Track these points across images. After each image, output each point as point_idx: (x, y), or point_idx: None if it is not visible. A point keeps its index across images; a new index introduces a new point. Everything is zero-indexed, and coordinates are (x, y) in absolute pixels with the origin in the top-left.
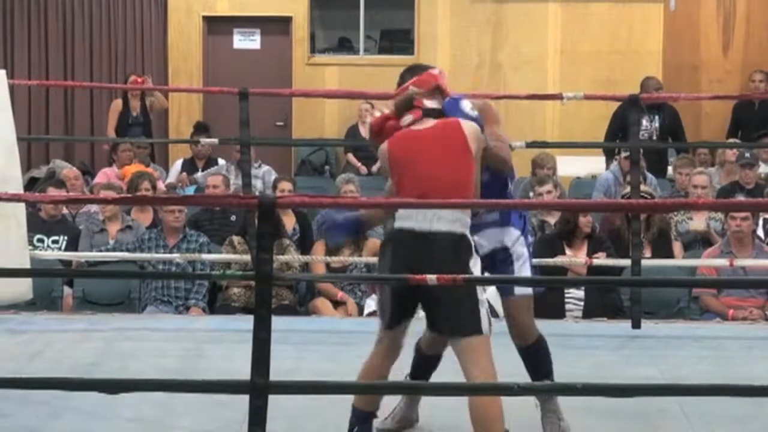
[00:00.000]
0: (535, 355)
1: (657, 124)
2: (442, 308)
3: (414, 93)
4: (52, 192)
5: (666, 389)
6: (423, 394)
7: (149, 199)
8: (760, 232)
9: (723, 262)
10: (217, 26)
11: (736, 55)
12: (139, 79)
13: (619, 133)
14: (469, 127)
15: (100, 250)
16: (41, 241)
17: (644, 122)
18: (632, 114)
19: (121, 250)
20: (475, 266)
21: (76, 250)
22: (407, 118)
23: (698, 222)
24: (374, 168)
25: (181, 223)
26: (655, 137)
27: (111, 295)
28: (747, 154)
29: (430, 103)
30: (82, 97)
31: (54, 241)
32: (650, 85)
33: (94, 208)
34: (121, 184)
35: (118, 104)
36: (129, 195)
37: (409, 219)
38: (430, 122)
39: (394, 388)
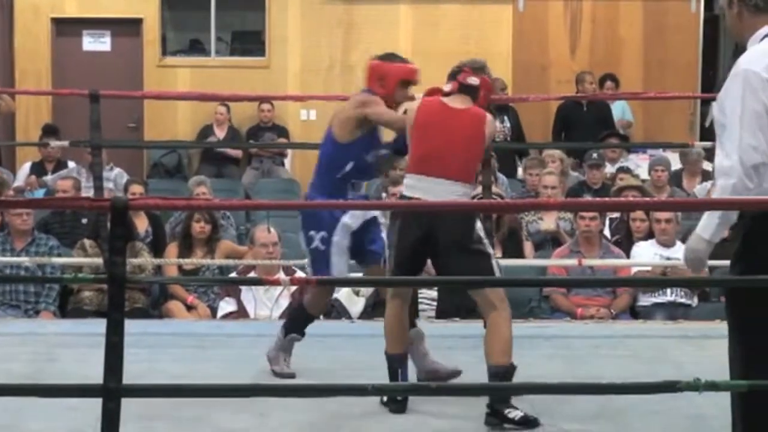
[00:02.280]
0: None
1: (508, 125)
2: (454, 265)
3: (463, 65)
4: None
5: (517, 388)
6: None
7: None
8: (607, 232)
9: (572, 261)
10: (66, 28)
11: (583, 55)
12: None
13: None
14: (491, 123)
15: None
16: None
17: (497, 124)
18: None
19: None
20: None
21: None
22: (447, 86)
23: (548, 222)
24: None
25: (29, 226)
26: (508, 138)
27: None
28: (594, 155)
29: (471, 80)
30: None
31: None
32: (496, 86)
33: None
34: None
35: None
36: None
37: (418, 190)
38: (464, 104)
39: (272, 390)
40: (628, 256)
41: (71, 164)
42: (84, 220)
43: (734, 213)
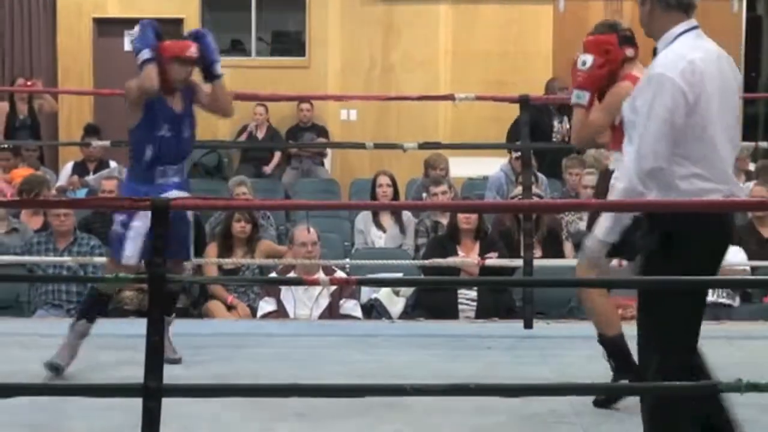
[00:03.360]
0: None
1: (568, 126)
2: None
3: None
4: None
5: (557, 389)
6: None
7: (40, 203)
8: None
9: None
10: (108, 28)
11: None
12: (29, 82)
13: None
14: None
15: None
16: None
17: (555, 124)
18: (524, 115)
19: (8, 254)
20: None
21: None
22: (630, 52)
23: None
24: (268, 168)
25: (68, 227)
26: (567, 139)
27: None
28: None
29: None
30: None
31: None
32: (555, 86)
33: None
34: (8, 187)
35: (3, 107)
36: (19, 198)
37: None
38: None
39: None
40: None
41: (113, 164)
42: None
43: (627, 215)
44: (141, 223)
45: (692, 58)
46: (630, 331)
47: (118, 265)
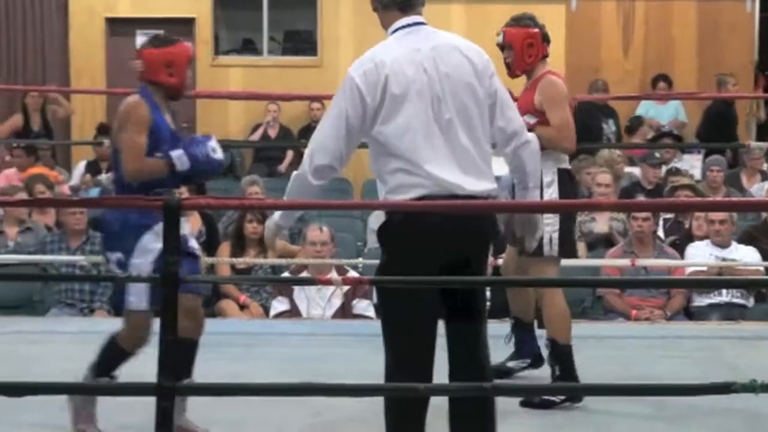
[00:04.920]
0: None
1: (614, 128)
2: None
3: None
4: None
5: (572, 389)
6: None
7: (53, 202)
8: (661, 233)
9: (625, 262)
10: (120, 27)
11: (635, 56)
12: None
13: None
14: None
15: None
16: None
17: (604, 126)
18: None
19: (22, 253)
20: None
21: None
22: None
23: (602, 224)
24: (282, 167)
25: (83, 225)
26: (614, 140)
27: (11, 299)
28: (657, 154)
29: None
30: None
31: None
32: (599, 87)
33: None
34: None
35: (17, 120)
36: (31, 198)
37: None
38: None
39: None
40: (683, 257)
41: None
42: None
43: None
44: (142, 260)
45: (382, 60)
46: (648, 332)
47: (128, 314)
